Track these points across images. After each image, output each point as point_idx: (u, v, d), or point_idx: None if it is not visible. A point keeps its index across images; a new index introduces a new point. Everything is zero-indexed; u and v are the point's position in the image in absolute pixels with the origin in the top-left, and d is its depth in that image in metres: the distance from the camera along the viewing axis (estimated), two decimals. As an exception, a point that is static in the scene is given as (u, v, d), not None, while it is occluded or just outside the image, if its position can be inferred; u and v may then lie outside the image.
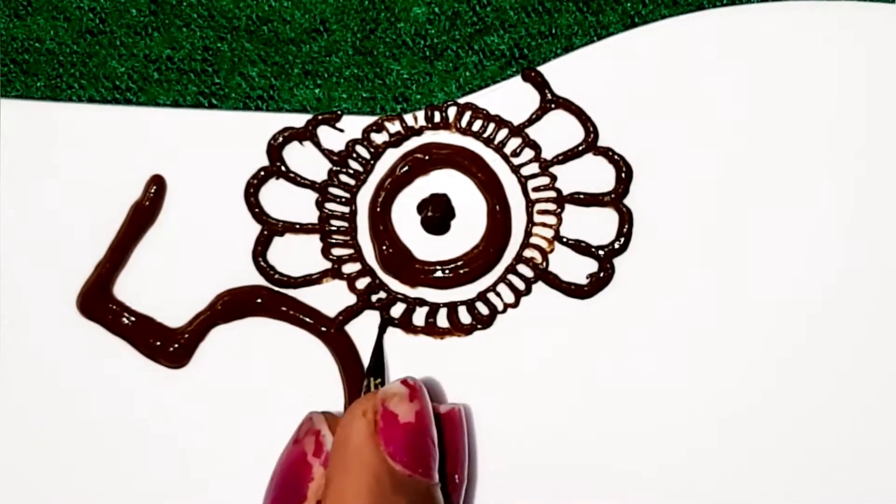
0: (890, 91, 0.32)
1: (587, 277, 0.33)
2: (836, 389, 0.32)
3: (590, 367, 0.32)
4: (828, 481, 0.32)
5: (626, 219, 0.32)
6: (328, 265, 0.33)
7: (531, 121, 0.33)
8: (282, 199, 0.33)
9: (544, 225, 0.33)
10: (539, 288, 0.33)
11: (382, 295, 0.33)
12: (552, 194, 0.33)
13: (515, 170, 0.33)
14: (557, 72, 0.33)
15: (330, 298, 0.33)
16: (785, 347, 0.32)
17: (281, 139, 0.33)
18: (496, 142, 0.33)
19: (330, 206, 0.33)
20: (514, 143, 0.33)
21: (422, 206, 0.33)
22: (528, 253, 0.33)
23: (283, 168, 0.33)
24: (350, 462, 0.26)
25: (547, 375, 0.32)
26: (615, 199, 0.33)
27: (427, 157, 0.33)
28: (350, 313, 0.33)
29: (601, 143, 0.33)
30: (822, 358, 0.32)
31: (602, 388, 0.32)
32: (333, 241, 0.33)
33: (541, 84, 0.33)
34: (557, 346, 0.32)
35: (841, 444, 0.32)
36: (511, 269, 0.33)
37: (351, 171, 0.33)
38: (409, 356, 0.33)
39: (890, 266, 0.32)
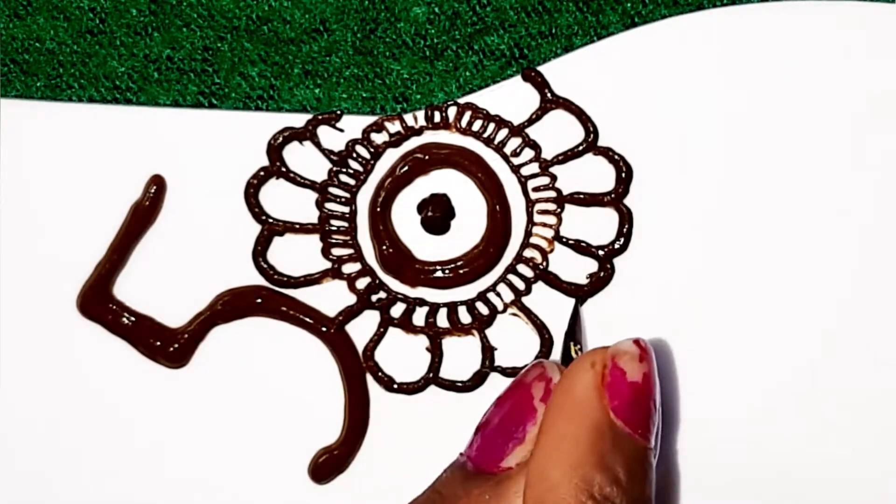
0: (890, 91, 0.32)
1: (587, 277, 0.33)
2: (838, 388, 0.32)
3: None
4: (835, 482, 0.32)
5: (626, 219, 0.32)
6: (328, 265, 0.33)
7: (531, 121, 0.33)
8: (282, 199, 0.33)
9: (544, 225, 0.33)
10: (539, 288, 0.33)
11: (382, 295, 0.33)
12: (552, 194, 0.33)
13: (515, 170, 0.33)
14: (557, 72, 0.33)
15: (330, 298, 0.33)
16: (787, 346, 0.32)
17: (281, 139, 0.33)
18: (496, 142, 0.33)
19: (330, 206, 0.33)
20: (514, 143, 0.33)
21: (422, 206, 0.33)
22: (528, 253, 0.33)
23: (283, 168, 0.33)
24: (573, 409, 0.26)
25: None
26: (615, 199, 0.33)
27: (427, 157, 0.33)
28: (350, 313, 0.33)
29: (601, 143, 0.33)
30: (822, 356, 0.32)
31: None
32: (333, 241, 0.33)
33: (541, 84, 0.33)
34: (557, 346, 0.32)
35: (847, 442, 0.32)
36: (511, 269, 0.33)
37: (351, 171, 0.33)
38: (409, 356, 0.33)
39: (891, 265, 0.32)
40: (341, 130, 0.33)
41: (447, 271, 0.33)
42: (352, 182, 0.33)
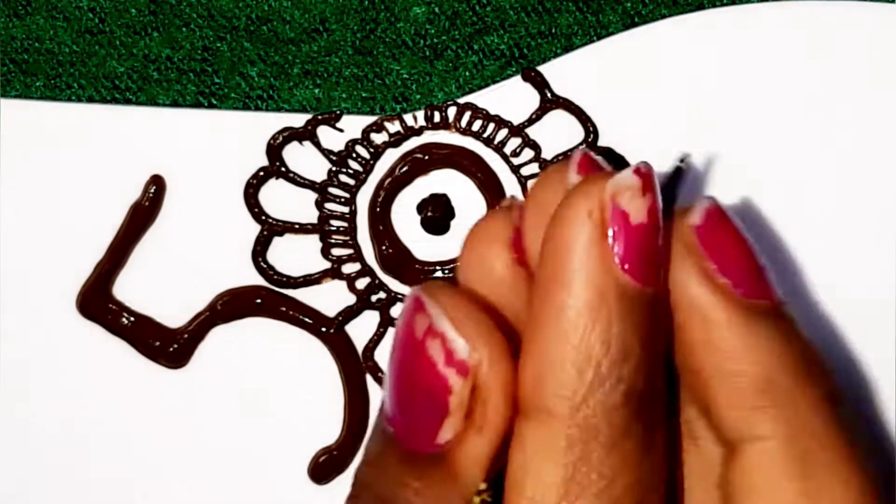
0: (890, 91, 0.32)
1: (587, 277, 0.32)
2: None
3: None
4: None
5: (625, 219, 0.32)
6: (328, 265, 0.33)
7: (531, 121, 0.33)
8: (281, 199, 0.33)
9: (544, 225, 0.33)
10: (539, 288, 0.33)
11: (382, 295, 0.33)
12: (552, 194, 0.33)
13: (515, 170, 0.33)
14: (557, 72, 0.33)
15: (330, 298, 0.33)
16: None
17: (280, 139, 0.33)
18: (496, 142, 0.33)
19: (329, 206, 0.33)
20: (514, 143, 0.33)
21: (422, 207, 0.33)
22: (527, 253, 0.33)
23: (282, 168, 0.33)
24: (569, 273, 0.21)
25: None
26: (615, 199, 0.32)
27: (427, 157, 0.33)
28: (350, 313, 0.33)
29: (601, 143, 0.33)
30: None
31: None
32: (333, 241, 0.33)
33: (541, 84, 0.33)
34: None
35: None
36: (511, 269, 0.33)
37: (350, 172, 0.33)
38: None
39: (891, 266, 0.32)
40: (341, 130, 0.33)
41: (447, 271, 0.33)
42: (351, 182, 0.33)
